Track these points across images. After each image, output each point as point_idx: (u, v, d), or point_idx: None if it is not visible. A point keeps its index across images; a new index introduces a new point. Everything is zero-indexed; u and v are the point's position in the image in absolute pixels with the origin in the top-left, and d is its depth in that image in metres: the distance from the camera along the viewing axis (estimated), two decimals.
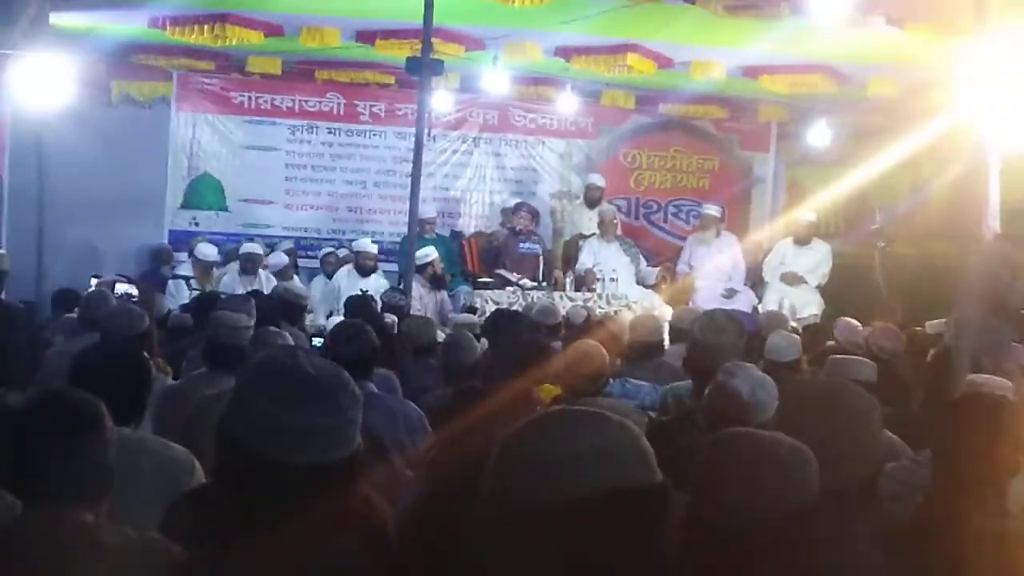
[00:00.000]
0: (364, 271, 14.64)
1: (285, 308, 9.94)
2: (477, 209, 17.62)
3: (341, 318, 10.22)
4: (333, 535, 2.79)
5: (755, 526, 2.95)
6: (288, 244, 16.36)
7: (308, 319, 11.65)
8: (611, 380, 7.14)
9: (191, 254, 15.36)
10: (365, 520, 3.00)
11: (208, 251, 15.34)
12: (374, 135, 17.24)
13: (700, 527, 3.05)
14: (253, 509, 2.81)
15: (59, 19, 12.76)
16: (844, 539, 3.24)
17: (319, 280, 15.22)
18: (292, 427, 2.76)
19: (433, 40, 10.88)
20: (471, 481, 2.46)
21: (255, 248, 15.22)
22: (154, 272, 15.37)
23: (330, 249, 15.81)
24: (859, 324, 10.08)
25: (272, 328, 7.67)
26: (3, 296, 10.22)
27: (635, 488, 2.32)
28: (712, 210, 16.21)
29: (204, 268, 14.92)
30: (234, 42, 13.41)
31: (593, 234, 15.88)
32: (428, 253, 13.91)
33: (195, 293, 13.30)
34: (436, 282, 14.16)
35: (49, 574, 3.01)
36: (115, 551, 3.11)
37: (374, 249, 15.10)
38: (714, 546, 2.99)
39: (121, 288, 12.15)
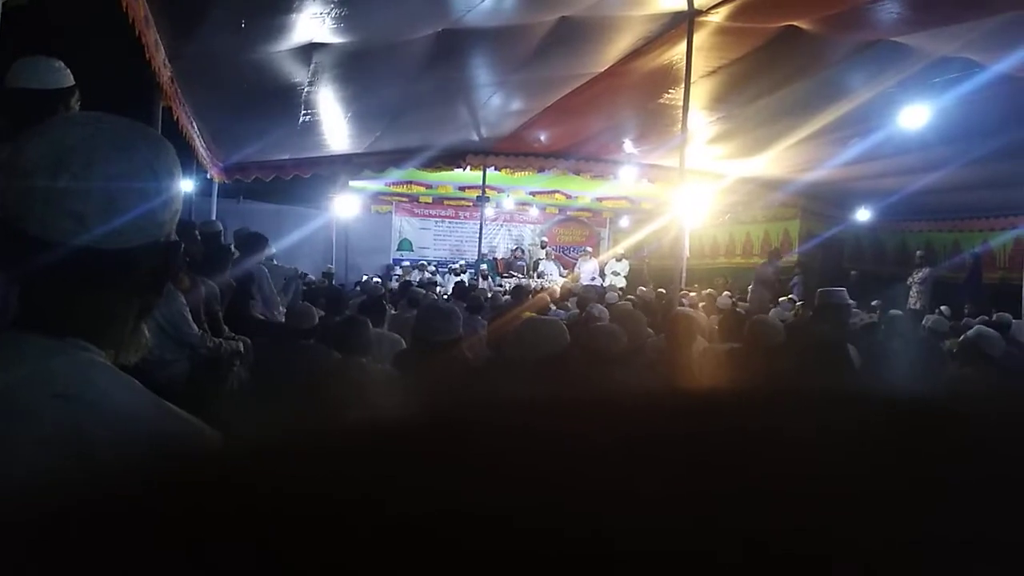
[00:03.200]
0: (456, 273, 14.48)
1: (428, 286, 9.81)
2: (502, 249, 17.28)
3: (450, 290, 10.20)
4: (451, 365, 2.77)
5: (606, 358, 2.91)
6: (435, 262, 16.16)
7: (440, 290, 11.57)
8: (551, 309, 7.12)
9: (400, 265, 15.27)
10: (461, 359, 2.97)
11: (405, 263, 15.39)
12: (465, 224, 16.84)
13: (585, 356, 3.03)
14: (421, 355, 2.79)
15: (353, 183, 12.76)
16: (634, 361, 3.22)
17: (447, 275, 15.07)
18: (433, 324, 2.74)
19: (486, 189, 10.86)
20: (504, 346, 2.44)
21: (423, 262, 15.35)
22: (386, 274, 15.21)
23: (452, 265, 15.70)
24: (643, 288, 10.05)
25: (428, 292, 7.62)
26: (333, 282, 10.20)
27: (563, 345, 2.30)
28: (588, 248, 16.14)
29: (406, 270, 14.90)
30: (414, 191, 13.54)
31: (543, 258, 15.71)
32: (482, 266, 13.87)
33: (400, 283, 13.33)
34: (484, 277, 14.15)
35: (350, 382, 3.00)
36: (374, 372, 3.10)
37: (456, 266, 14.96)
38: (590, 365, 2.97)
39: (374, 279, 11.99)
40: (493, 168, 10.62)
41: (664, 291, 9.58)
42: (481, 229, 11.32)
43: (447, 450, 0.25)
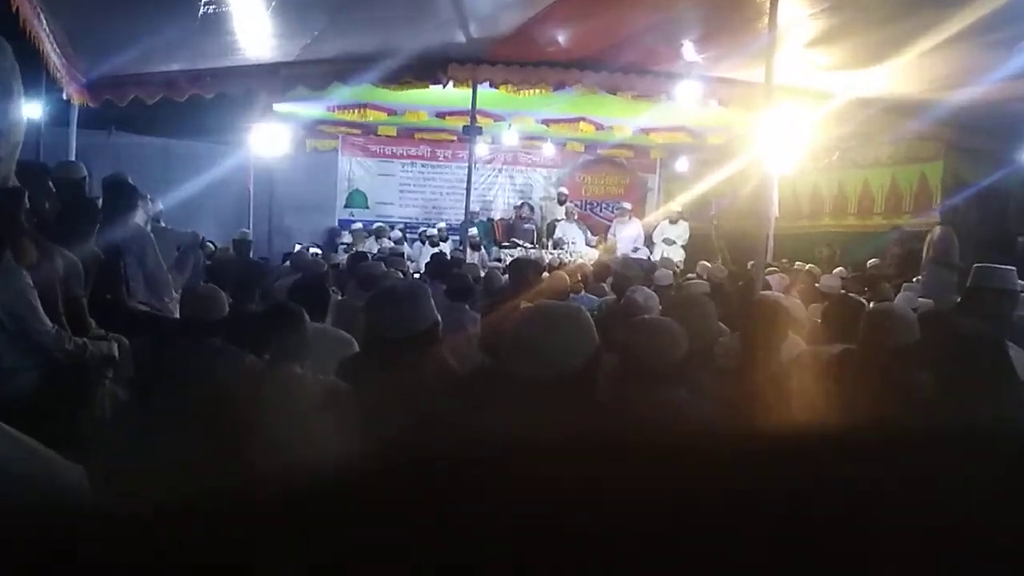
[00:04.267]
0: (432, 243, 14.63)
1: (391, 261, 9.92)
2: (500, 205, 17.45)
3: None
4: (423, 375, 2.80)
5: (653, 368, 2.95)
6: (400, 225, 16.35)
7: (411, 267, 11.63)
8: (574, 294, 7.16)
9: (350, 231, 15.48)
10: (440, 368, 3.00)
11: (358, 225, 15.61)
12: (446, 168, 17.08)
13: (622, 371, 3.05)
14: (381, 361, 2.85)
15: (278, 107, 12.83)
16: (700, 375, 3.24)
17: (416, 245, 15.20)
18: (386, 317, 2.82)
19: (477, 116, 10.86)
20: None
21: (382, 225, 15.57)
22: (330, 241, 15.41)
23: (423, 229, 15.82)
24: (708, 264, 10.13)
25: (391, 269, 7.69)
26: (250, 255, 10.26)
27: (589, 352, 2.31)
28: (625, 205, 16.16)
29: (359, 235, 15.05)
30: (370, 118, 13.63)
31: (562, 219, 15.78)
32: (471, 231, 13.90)
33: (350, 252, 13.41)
34: (474, 247, 14.21)
35: (278, 398, 3.04)
36: (312, 385, 3.14)
37: (435, 231, 15.17)
38: (630, 379, 3.00)
39: (312, 250, 12.23)
40: (487, 84, 10.55)
41: (742, 268, 9.59)
42: (470, 177, 11.28)
43: (411, 515, 0.24)
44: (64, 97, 9.08)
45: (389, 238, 15.03)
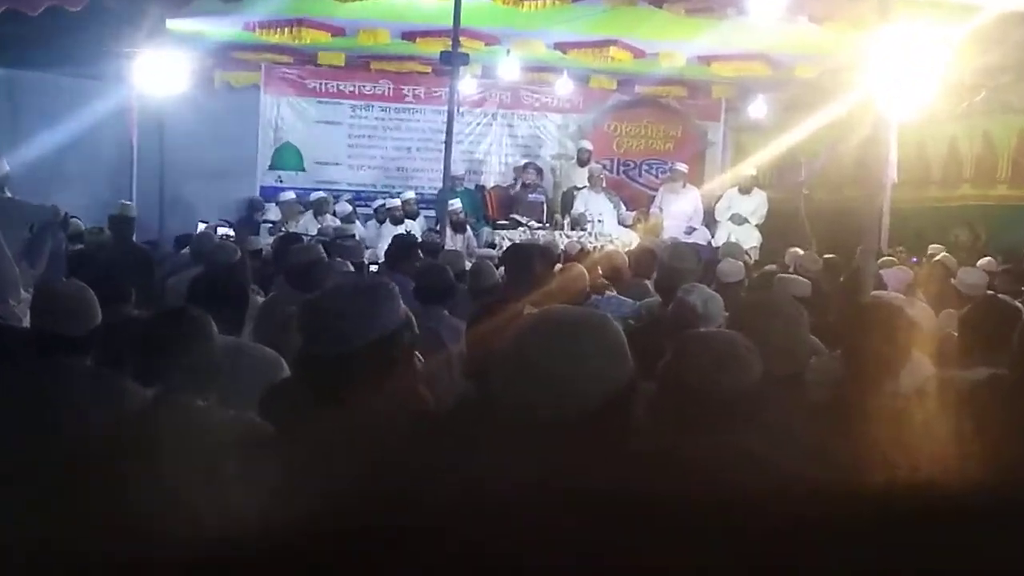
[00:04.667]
0: (394, 221, 14.66)
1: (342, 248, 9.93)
2: (495, 168, 17.55)
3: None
4: (380, 412, 2.80)
5: (711, 403, 2.95)
6: (349, 196, 16.32)
7: (367, 254, 11.58)
8: (598, 295, 7.14)
9: (278, 203, 15.54)
10: (408, 400, 3.00)
11: (289, 195, 15.72)
12: (416, 112, 17.18)
13: (667, 406, 3.05)
14: (320, 390, 2.85)
15: (174, 24, 12.78)
16: (779, 414, 3.24)
17: (372, 224, 15.23)
18: (328, 327, 2.83)
19: (460, 38, 10.85)
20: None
21: (323, 195, 15.56)
22: (248, 219, 15.44)
23: (382, 202, 15.76)
24: (797, 251, 10.15)
25: (336, 259, 7.71)
26: (133, 238, 10.25)
27: (620, 380, 2.30)
28: (681, 167, 16.23)
29: (290, 210, 15.16)
30: (308, 41, 13.59)
31: (584, 187, 15.83)
32: (452, 203, 13.87)
33: (280, 233, 13.36)
34: (457, 227, 14.18)
35: (174, 443, 3.03)
36: (220, 425, 3.15)
37: (398, 203, 15.14)
38: (678, 419, 3.00)
39: (222, 231, 12.24)
40: None
41: (844, 257, 9.56)
42: (451, 126, 11.26)
43: None
44: None
45: (334, 214, 15.02)
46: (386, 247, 10.35)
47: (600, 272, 8.14)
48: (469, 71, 15.02)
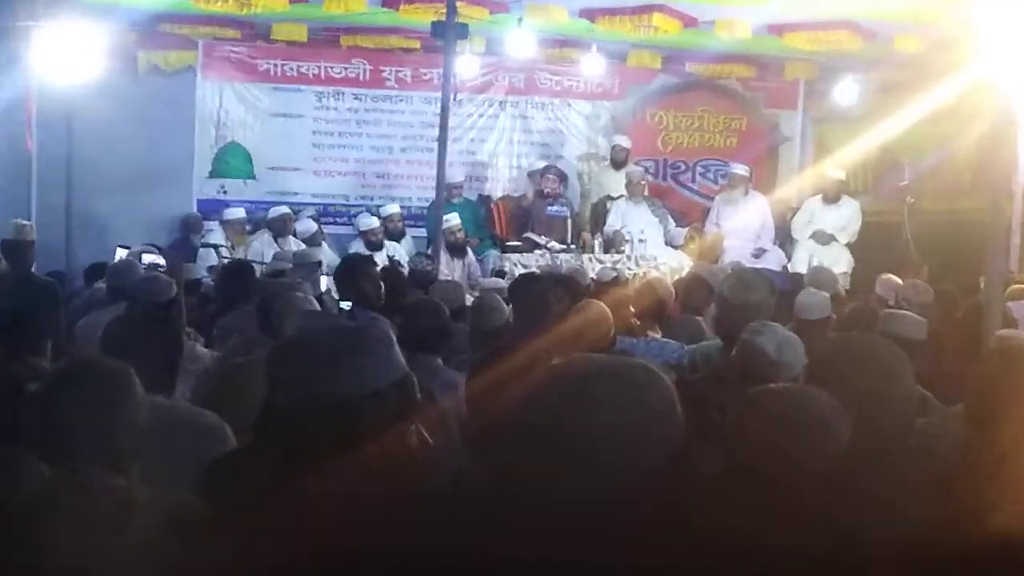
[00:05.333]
0: (373, 246, 14.53)
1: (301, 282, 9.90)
2: (504, 173, 17.60)
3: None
4: (357, 488, 2.79)
5: (788, 481, 2.94)
6: (312, 211, 16.34)
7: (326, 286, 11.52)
8: (632, 339, 7.14)
9: (221, 221, 15.38)
10: (397, 474, 2.98)
11: (237, 212, 15.48)
12: (400, 100, 17.20)
13: (735, 482, 3.05)
14: (280, 462, 2.84)
15: None
16: (875, 492, 3.23)
17: (358, 246, 14.94)
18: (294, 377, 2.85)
19: (457, 4, 10.88)
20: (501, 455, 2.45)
21: (285, 210, 15.40)
22: (183, 241, 15.41)
23: (361, 216, 15.68)
24: (899, 280, 10.07)
25: (300, 294, 7.71)
26: (33, 268, 10.25)
27: (670, 444, 2.30)
28: (740, 169, 16.09)
29: (236, 230, 15.01)
30: (259, 9, 13.49)
31: (621, 196, 15.85)
32: (448, 219, 13.87)
33: (226, 260, 13.29)
34: (455, 250, 14.16)
35: (80, 536, 3.02)
36: (145, 513, 3.12)
37: (375, 223, 15.13)
38: (749, 500, 2.99)
39: (148, 258, 12.18)
40: None
41: (962, 287, 9.50)
42: (446, 118, 11.26)
43: None
44: None
45: (295, 234, 14.97)
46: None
47: (633, 308, 8.11)
48: (469, 46, 15.00)
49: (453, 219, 14.23)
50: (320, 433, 2.80)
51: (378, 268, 9.49)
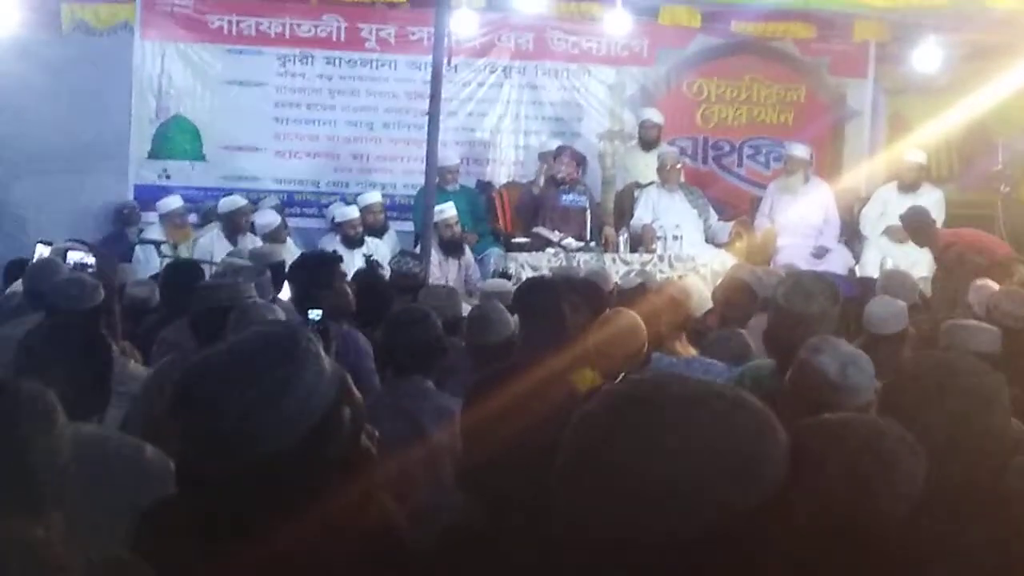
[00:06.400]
0: (351, 242, 14.62)
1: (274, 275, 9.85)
2: (509, 154, 17.65)
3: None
4: (327, 543, 2.77)
5: (854, 527, 2.95)
6: (274, 200, 16.35)
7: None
8: (671, 357, 7.15)
9: (160, 214, 15.38)
10: (363, 527, 2.96)
11: (173, 202, 15.51)
12: (383, 65, 17.24)
13: (790, 527, 3.05)
14: (226, 509, 2.81)
15: None
16: (958, 545, 3.23)
17: (331, 242, 14.84)
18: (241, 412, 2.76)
19: None
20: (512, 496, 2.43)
21: (241, 202, 15.24)
22: (118, 236, 15.43)
23: (335, 205, 15.73)
24: (995, 285, 10.04)
25: (260, 301, 7.70)
26: None
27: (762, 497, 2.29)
28: (800, 151, 16.04)
29: (175, 224, 15.05)
30: None
31: (651, 182, 15.84)
32: (442, 210, 13.93)
33: (168, 260, 13.28)
34: (451, 247, 14.17)
35: None
36: (66, 568, 3.11)
37: (354, 213, 15.14)
38: (807, 548, 2.99)
39: (75, 256, 12.17)
40: None
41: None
42: (437, 86, 11.28)
43: None
44: None
45: (253, 229, 14.97)
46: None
47: (664, 317, 8.11)
48: (466, 0, 15.05)
49: (448, 210, 14.23)
50: (239, 502, 2.77)
51: (346, 271, 9.46)
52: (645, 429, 2.25)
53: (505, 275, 13.64)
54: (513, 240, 15.19)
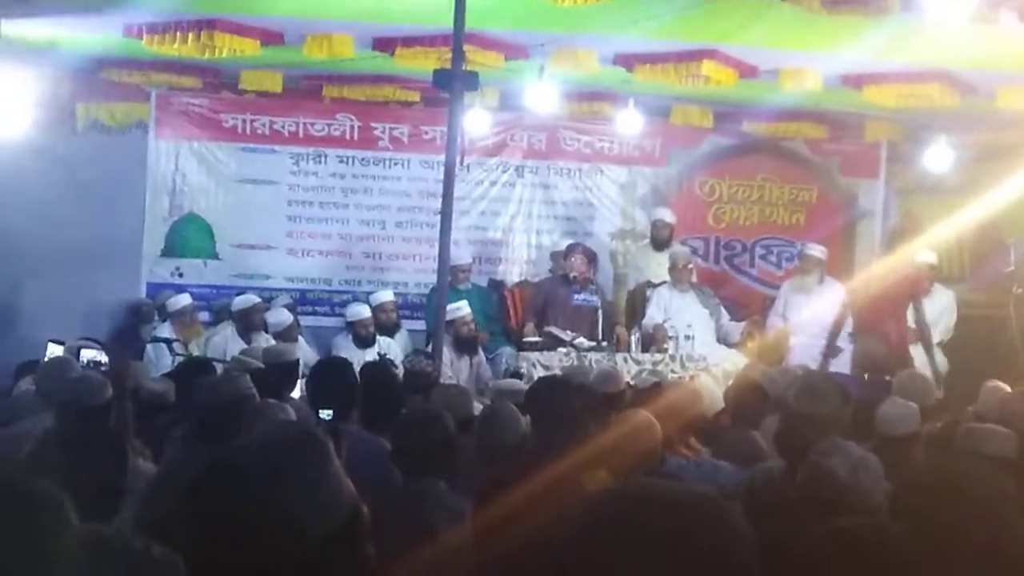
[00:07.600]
0: (363, 341, 14.63)
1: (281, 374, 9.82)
2: (521, 253, 17.69)
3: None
4: None
5: None
6: (287, 298, 16.33)
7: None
8: (681, 460, 7.13)
9: (169, 312, 15.30)
10: None
11: (182, 300, 15.42)
12: (395, 164, 17.33)
13: None
14: None
15: (12, 28, 12.82)
16: None
17: (344, 342, 15.04)
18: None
19: (466, 48, 10.93)
20: None
21: (255, 300, 15.22)
22: (131, 334, 15.37)
23: (349, 304, 15.69)
24: (1007, 387, 9.96)
25: (271, 400, 7.70)
26: None
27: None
28: (815, 251, 15.95)
29: (184, 323, 14.99)
30: (225, 53, 13.45)
31: (663, 282, 15.81)
32: (458, 307, 13.97)
33: (180, 359, 13.26)
34: (464, 345, 14.17)
35: None
36: None
37: (366, 312, 15.10)
38: None
39: (88, 354, 12.15)
40: None
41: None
42: (450, 185, 11.31)
43: None
44: None
45: (265, 328, 14.96)
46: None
47: (675, 420, 8.08)
48: (480, 100, 15.07)
49: (463, 308, 14.27)
50: None
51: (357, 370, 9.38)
52: (618, 532, 2.27)
53: (517, 374, 13.62)
54: (524, 339, 15.13)
